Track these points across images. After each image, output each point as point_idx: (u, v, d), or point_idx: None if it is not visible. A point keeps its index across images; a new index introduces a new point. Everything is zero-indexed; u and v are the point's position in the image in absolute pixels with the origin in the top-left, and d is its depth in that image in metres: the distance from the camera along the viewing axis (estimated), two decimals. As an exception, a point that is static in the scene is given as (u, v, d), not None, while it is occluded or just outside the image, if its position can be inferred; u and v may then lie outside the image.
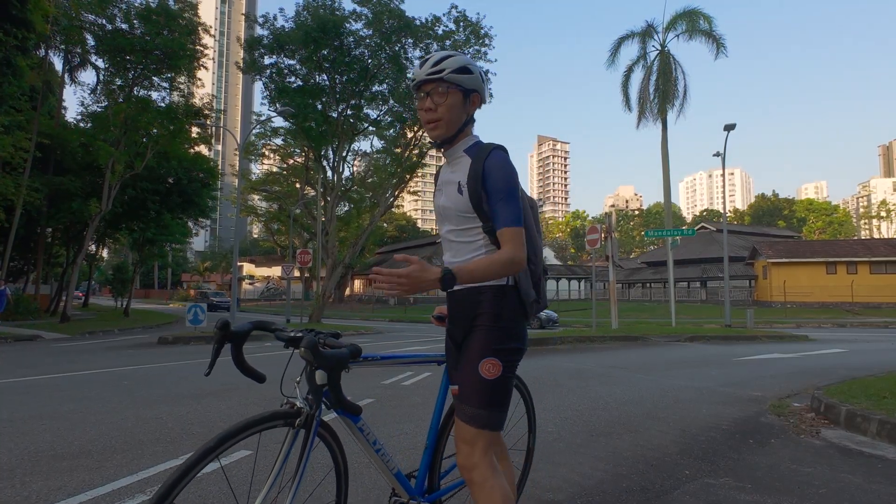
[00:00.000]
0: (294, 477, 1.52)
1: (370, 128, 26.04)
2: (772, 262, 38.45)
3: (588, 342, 13.44)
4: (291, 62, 23.07)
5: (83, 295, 38.25)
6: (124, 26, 21.62)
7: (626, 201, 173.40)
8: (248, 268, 78.12)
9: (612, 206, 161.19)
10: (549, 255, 67.01)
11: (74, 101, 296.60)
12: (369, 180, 32.41)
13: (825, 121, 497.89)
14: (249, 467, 3.22)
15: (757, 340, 14.70)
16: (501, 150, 1.74)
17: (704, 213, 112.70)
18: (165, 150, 24.13)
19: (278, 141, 32.80)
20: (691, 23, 24.89)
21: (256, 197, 46.80)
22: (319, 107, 23.18)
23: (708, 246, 45.89)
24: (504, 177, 1.67)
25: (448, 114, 1.72)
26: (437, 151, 1.91)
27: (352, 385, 6.53)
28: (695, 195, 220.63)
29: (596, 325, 17.46)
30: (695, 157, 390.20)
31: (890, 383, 5.63)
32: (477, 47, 22.93)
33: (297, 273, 26.60)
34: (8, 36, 16.11)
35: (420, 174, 31.22)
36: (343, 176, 26.87)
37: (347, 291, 59.79)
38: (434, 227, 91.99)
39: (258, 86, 27.59)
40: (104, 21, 21.41)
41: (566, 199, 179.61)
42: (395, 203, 36.54)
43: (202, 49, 23.27)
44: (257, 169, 41.88)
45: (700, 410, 5.34)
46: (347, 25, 21.90)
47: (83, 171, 23.29)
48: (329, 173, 25.64)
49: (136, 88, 23.12)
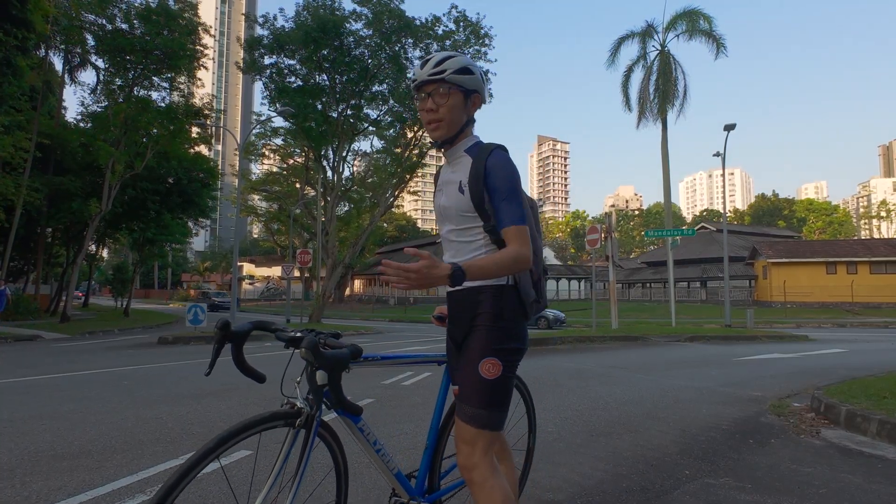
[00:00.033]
0: (294, 477, 1.52)
1: (370, 128, 26.06)
2: (772, 262, 38.45)
3: (588, 342, 13.44)
4: (291, 62, 23.10)
5: (83, 295, 38.25)
6: (124, 26, 21.63)
7: (626, 201, 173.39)
8: (248, 268, 78.14)
9: (612, 206, 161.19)
10: (549, 255, 67.00)
11: (74, 101, 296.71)
12: (369, 180, 32.42)
13: (825, 121, 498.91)
14: (249, 467, 3.22)
15: (757, 340, 14.70)
16: (502, 150, 1.75)
17: (704, 213, 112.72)
18: (165, 150, 24.13)
19: (278, 141, 32.83)
20: (691, 23, 24.90)
21: (256, 197, 46.78)
22: (319, 107, 23.19)
23: (708, 246, 45.89)
24: (506, 176, 1.68)
25: (450, 114, 1.72)
26: (437, 151, 1.91)
27: (352, 385, 6.53)
28: (695, 195, 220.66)
29: (596, 325, 17.46)
30: (695, 157, 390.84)
31: (890, 383, 5.63)
32: (477, 47, 22.94)
33: (297, 273, 26.60)
34: (8, 36, 16.12)
35: (420, 174, 31.22)
36: (343, 176, 26.89)
37: (347, 291, 59.81)
38: (434, 226, 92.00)
39: (258, 86, 27.61)
40: (104, 21, 21.43)
41: (566, 199, 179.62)
42: (395, 203, 36.55)
43: (202, 49, 23.29)
44: (257, 169, 41.90)
45: (700, 410, 5.34)
46: (347, 25, 21.91)
47: (83, 171, 23.29)
48: (329, 173, 25.65)
49: (136, 88, 23.13)
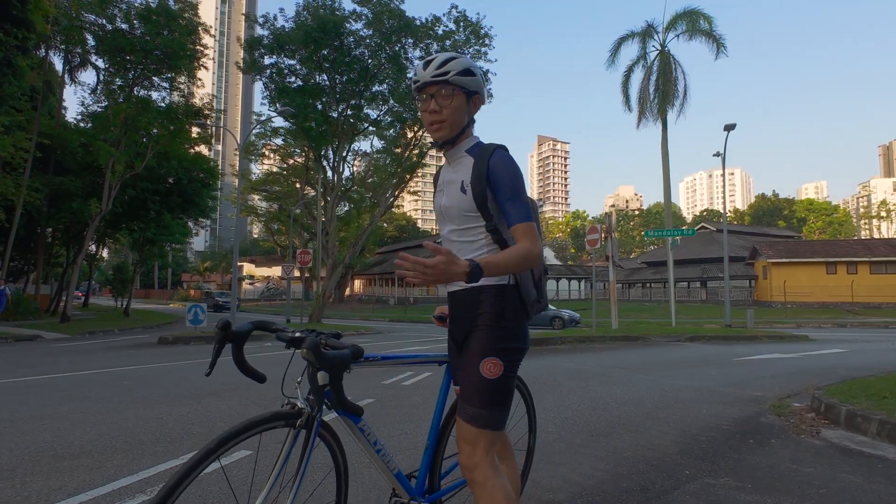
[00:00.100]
0: (295, 477, 1.52)
1: (370, 128, 26.07)
2: (772, 262, 38.45)
3: (588, 342, 13.44)
4: (291, 62, 23.10)
5: (83, 295, 38.25)
6: (124, 26, 21.64)
7: (626, 201, 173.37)
8: (248, 268, 78.16)
9: (612, 206, 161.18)
10: (549, 255, 67.02)
11: (75, 101, 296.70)
12: (369, 180, 32.44)
13: (825, 121, 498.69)
14: (250, 467, 3.22)
15: (757, 340, 14.70)
16: (504, 150, 1.76)
17: (704, 213, 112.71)
18: (165, 150, 24.13)
19: (278, 141, 32.84)
20: (691, 23, 24.89)
21: (256, 197, 46.78)
22: (319, 107, 23.19)
23: (708, 246, 45.88)
24: (510, 175, 1.68)
25: (453, 115, 1.73)
26: (437, 151, 1.91)
27: (352, 385, 6.53)
28: (695, 195, 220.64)
29: (596, 325, 17.46)
30: (695, 157, 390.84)
31: (890, 383, 5.63)
32: (477, 47, 22.94)
33: (297, 273, 26.60)
34: (8, 36, 16.12)
35: (420, 174, 31.23)
36: (343, 176, 26.89)
37: (347, 291, 59.82)
38: (434, 226, 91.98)
39: (258, 86, 27.62)
40: (104, 21, 21.43)
41: (566, 199, 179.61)
42: (396, 203, 36.56)
43: (202, 49, 23.28)
44: (257, 169, 41.90)
45: (700, 410, 5.34)
46: (347, 25, 21.91)
47: (83, 171, 23.29)
48: (329, 173, 25.66)
49: (136, 88, 23.13)
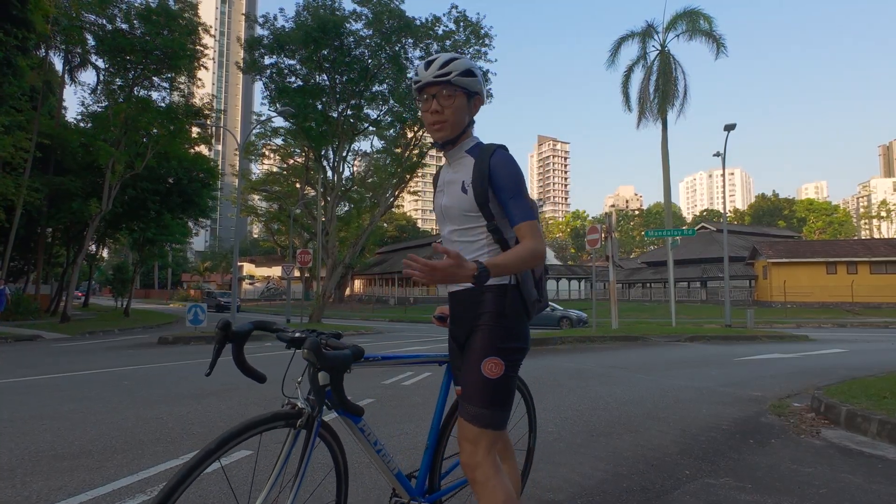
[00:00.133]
0: (295, 477, 1.52)
1: (370, 128, 26.06)
2: (772, 262, 38.44)
3: (588, 342, 13.44)
4: (291, 62, 23.11)
5: (83, 295, 38.25)
6: (124, 26, 21.63)
7: (627, 201, 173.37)
8: (248, 268, 78.17)
9: (612, 206, 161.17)
10: (550, 255, 67.01)
11: (75, 101, 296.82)
12: (369, 180, 32.44)
13: (825, 121, 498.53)
14: (250, 467, 3.22)
15: (757, 340, 14.69)
16: (504, 149, 1.77)
17: (704, 213, 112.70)
18: (165, 150, 24.12)
19: (278, 141, 32.84)
20: (691, 23, 24.88)
21: (256, 197, 46.78)
22: (319, 107, 23.19)
23: (708, 246, 45.87)
24: (511, 174, 1.70)
25: (454, 116, 1.74)
26: (437, 152, 1.92)
27: (352, 385, 6.53)
28: (695, 195, 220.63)
29: (596, 325, 17.47)
30: (695, 157, 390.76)
31: (890, 383, 5.63)
32: (477, 47, 22.95)
33: (297, 273, 26.61)
34: (8, 36, 16.12)
35: (420, 174, 31.23)
36: (343, 176, 26.90)
37: (347, 291, 59.84)
38: (434, 226, 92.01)
39: (258, 86, 27.63)
40: (104, 21, 21.43)
41: (566, 199, 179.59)
42: (396, 203, 36.56)
43: (202, 49, 23.27)
44: (257, 169, 41.91)
45: (700, 410, 5.34)
46: (347, 25, 21.91)
47: (83, 171, 23.28)
48: (329, 173, 25.66)
49: (136, 88, 23.13)
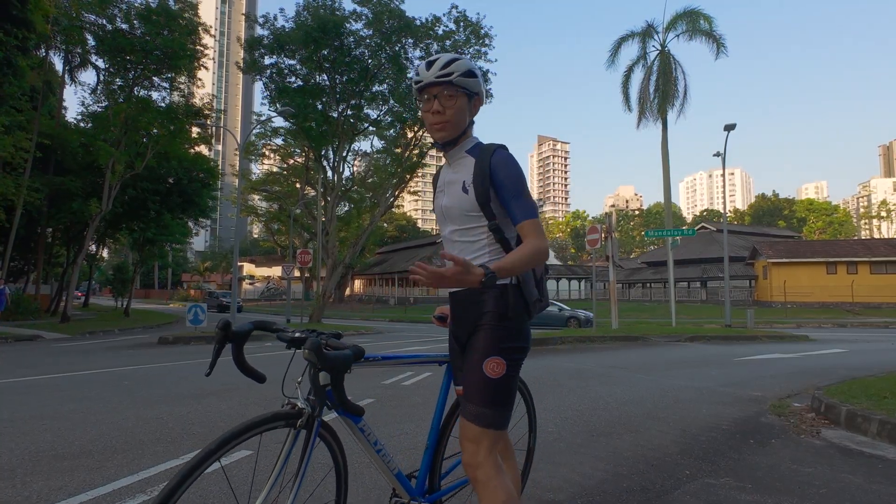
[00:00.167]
0: (295, 477, 1.53)
1: (370, 128, 26.08)
2: (772, 262, 38.44)
3: (588, 342, 13.44)
4: (292, 62, 23.11)
5: (83, 295, 38.27)
6: (124, 26, 21.64)
7: (627, 201, 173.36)
8: (248, 268, 78.17)
9: (613, 206, 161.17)
10: (550, 255, 66.97)
11: (75, 101, 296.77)
12: (369, 180, 32.46)
13: (825, 121, 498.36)
14: (250, 467, 3.22)
15: (757, 340, 14.69)
16: (504, 149, 1.78)
17: (704, 213, 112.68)
18: (166, 150, 24.13)
19: (278, 141, 32.85)
20: (691, 23, 24.89)
21: (256, 197, 46.79)
22: (319, 107, 23.20)
23: (708, 246, 45.88)
24: (512, 174, 1.71)
25: (455, 116, 1.74)
26: (437, 152, 1.92)
27: (352, 385, 6.53)
28: (695, 195, 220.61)
29: (596, 325, 17.47)
30: (695, 157, 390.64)
31: (890, 383, 5.63)
32: (477, 47, 22.96)
33: (297, 273, 26.61)
34: (8, 36, 16.12)
35: (420, 174, 31.26)
36: (343, 176, 26.91)
37: (347, 291, 59.84)
38: (434, 226, 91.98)
39: (258, 86, 27.62)
40: (104, 21, 21.44)
41: (566, 199, 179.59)
42: (396, 203, 36.56)
43: (202, 49, 23.28)
44: (257, 169, 41.92)
45: (700, 410, 5.34)
46: (348, 25, 21.92)
47: (83, 171, 23.29)
48: (329, 173, 25.67)
49: (136, 88, 23.14)
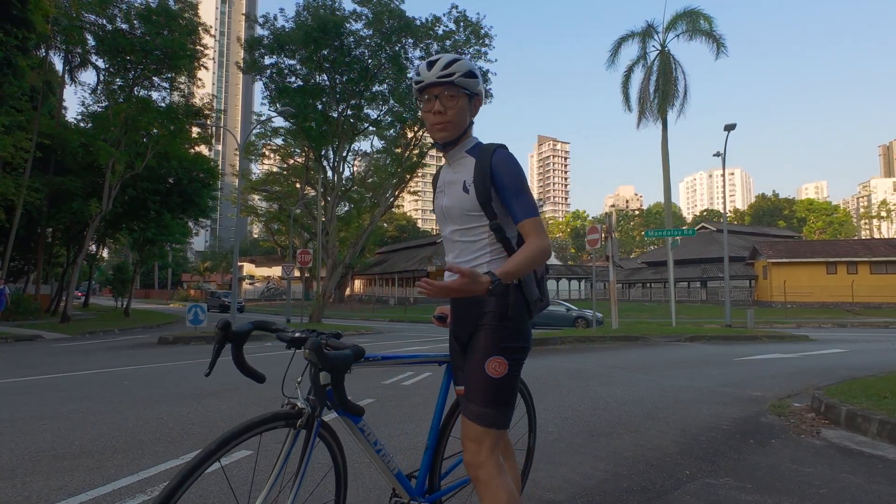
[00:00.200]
0: (295, 477, 1.53)
1: (370, 128, 26.08)
2: (772, 262, 38.44)
3: (588, 342, 13.43)
4: (292, 62, 23.11)
5: (83, 295, 38.26)
6: (125, 26, 21.65)
7: (627, 201, 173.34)
8: (248, 268, 78.15)
9: (613, 206, 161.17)
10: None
11: (75, 101, 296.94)
12: (369, 180, 32.46)
13: (825, 121, 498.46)
14: (250, 467, 3.22)
15: (757, 340, 14.69)
16: (504, 149, 1.79)
17: (704, 213, 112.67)
18: (166, 150, 24.13)
19: (278, 141, 32.85)
20: (692, 23, 24.88)
21: (256, 197, 46.78)
22: (319, 107, 23.20)
23: (708, 246, 45.87)
24: (513, 173, 1.72)
25: (457, 116, 1.75)
26: (437, 152, 1.92)
27: (352, 385, 6.53)
28: (695, 195, 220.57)
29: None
30: (695, 157, 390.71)
31: (890, 383, 5.63)
32: (477, 47, 22.96)
33: (297, 273, 26.59)
34: (8, 36, 16.12)
35: (420, 174, 31.25)
36: (343, 176, 26.90)
37: (347, 291, 59.83)
38: (434, 226, 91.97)
39: (258, 86, 27.63)
40: (104, 21, 21.44)
41: (566, 199, 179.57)
42: (396, 203, 36.56)
43: (202, 49, 23.28)
44: (257, 169, 41.91)
45: (700, 410, 5.34)
46: (348, 25, 21.92)
47: (83, 171, 23.28)
48: (329, 173, 25.67)
49: (136, 88, 23.14)
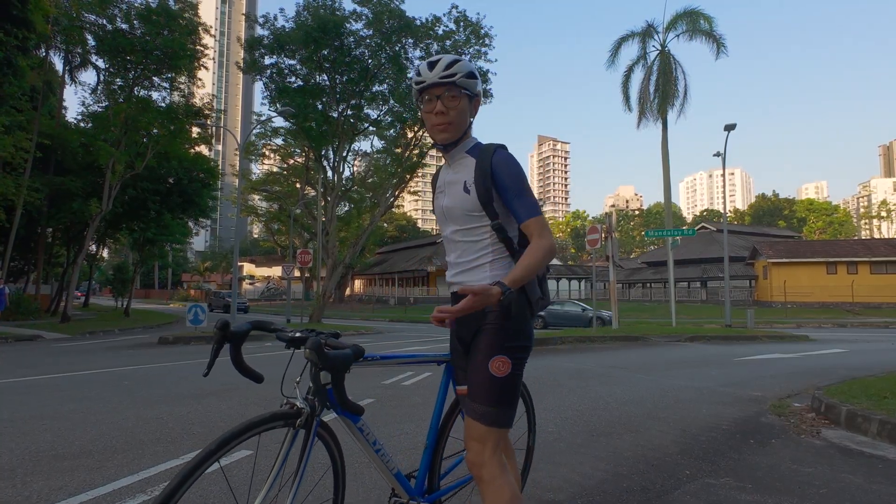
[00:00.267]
0: (294, 477, 1.53)
1: (370, 128, 26.06)
2: (772, 262, 38.43)
3: (588, 342, 13.44)
4: (292, 62, 23.10)
5: (83, 295, 38.27)
6: (125, 26, 21.65)
7: (627, 201, 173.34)
8: (248, 268, 78.15)
9: (613, 206, 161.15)
10: (550, 255, 66.85)
11: (75, 101, 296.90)
12: (369, 180, 32.44)
13: (825, 121, 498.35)
14: (249, 467, 3.22)
15: (757, 340, 14.69)
16: (504, 149, 1.79)
17: (705, 213, 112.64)
18: (166, 150, 24.13)
19: (278, 141, 32.82)
20: (692, 23, 24.88)
21: (257, 197, 46.75)
22: (320, 107, 23.19)
23: (708, 246, 45.86)
24: (514, 173, 1.72)
25: (458, 117, 1.76)
26: (437, 152, 1.92)
27: (352, 385, 6.52)
28: (695, 195, 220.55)
29: (596, 325, 17.46)
30: (695, 157, 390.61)
31: (890, 383, 5.63)
32: (477, 47, 22.95)
33: (297, 273, 26.59)
34: (9, 36, 16.12)
35: (420, 174, 31.22)
36: (343, 176, 26.90)
37: (347, 291, 59.83)
38: (434, 227, 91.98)
39: (258, 86, 27.63)
40: (104, 21, 21.44)
41: (566, 199, 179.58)
42: (396, 203, 36.55)
43: (202, 49, 23.28)
44: (257, 169, 41.88)
45: (700, 410, 5.34)
46: (348, 25, 21.91)
47: (84, 171, 23.28)
48: (329, 173, 25.66)
49: (136, 88, 23.14)
